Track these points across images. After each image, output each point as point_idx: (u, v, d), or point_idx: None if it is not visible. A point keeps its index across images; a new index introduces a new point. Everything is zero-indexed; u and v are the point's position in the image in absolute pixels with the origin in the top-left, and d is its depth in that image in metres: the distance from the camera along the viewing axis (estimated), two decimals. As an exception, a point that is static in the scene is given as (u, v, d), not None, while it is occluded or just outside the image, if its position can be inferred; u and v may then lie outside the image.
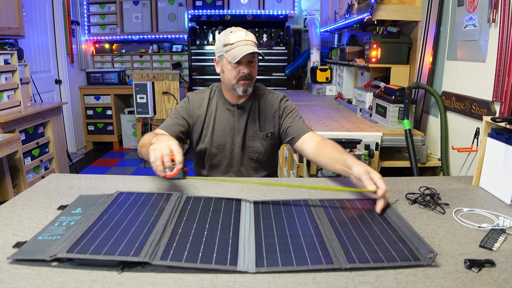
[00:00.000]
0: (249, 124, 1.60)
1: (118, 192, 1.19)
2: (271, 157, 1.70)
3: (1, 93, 2.79)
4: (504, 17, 1.67)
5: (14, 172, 2.72)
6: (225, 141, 1.60)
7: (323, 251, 0.87)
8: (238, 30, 1.49)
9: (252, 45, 1.46)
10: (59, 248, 0.84)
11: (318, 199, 1.18)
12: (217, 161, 1.63)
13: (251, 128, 1.60)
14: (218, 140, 1.60)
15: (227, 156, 1.62)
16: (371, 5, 2.53)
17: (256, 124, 1.60)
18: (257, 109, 1.61)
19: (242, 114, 1.60)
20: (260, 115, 1.61)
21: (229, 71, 1.50)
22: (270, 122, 1.62)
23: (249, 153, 1.62)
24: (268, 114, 1.61)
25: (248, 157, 1.63)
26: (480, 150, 1.34)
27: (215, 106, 1.61)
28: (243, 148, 1.61)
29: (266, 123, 1.61)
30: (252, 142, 1.61)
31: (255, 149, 1.62)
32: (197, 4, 4.95)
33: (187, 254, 0.84)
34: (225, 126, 1.59)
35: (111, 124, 5.07)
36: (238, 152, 1.61)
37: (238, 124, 1.59)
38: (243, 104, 1.60)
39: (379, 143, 2.15)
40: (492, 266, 0.83)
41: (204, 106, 1.60)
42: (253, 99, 1.61)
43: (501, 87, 1.68)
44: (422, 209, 1.15)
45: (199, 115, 1.60)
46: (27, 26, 3.56)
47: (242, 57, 1.42)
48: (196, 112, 1.60)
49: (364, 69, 3.39)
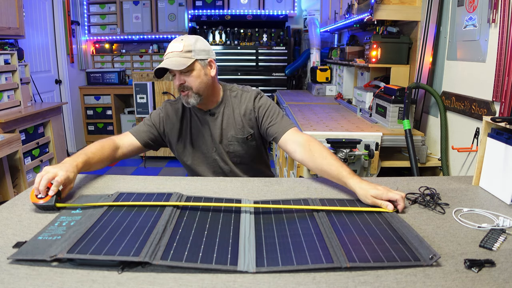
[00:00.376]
0: (224, 129, 1.55)
1: (118, 192, 1.19)
2: (258, 157, 1.65)
3: (1, 93, 2.79)
4: (504, 17, 1.67)
5: (14, 172, 2.72)
6: (206, 150, 1.57)
7: (324, 250, 0.87)
8: (176, 40, 1.43)
9: (173, 57, 1.38)
10: (59, 248, 0.84)
11: (318, 199, 1.18)
12: (202, 170, 1.60)
13: (228, 133, 1.55)
14: (199, 150, 1.57)
15: (211, 164, 1.59)
16: (371, 5, 2.53)
17: (232, 128, 1.54)
18: (232, 112, 1.55)
19: (216, 120, 1.54)
20: (235, 117, 1.54)
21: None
22: (247, 124, 1.55)
23: (232, 158, 1.58)
24: (243, 115, 1.54)
25: (232, 162, 1.59)
26: (480, 150, 1.34)
27: (189, 117, 1.57)
28: (224, 155, 1.57)
29: (244, 125, 1.55)
30: (232, 147, 1.56)
31: (237, 154, 1.57)
32: (197, 4, 4.95)
33: (187, 254, 0.84)
34: (203, 135, 1.56)
35: (111, 124, 5.07)
36: (221, 159, 1.58)
37: (214, 130, 1.54)
38: (214, 110, 1.54)
39: (379, 143, 2.16)
40: (492, 266, 0.83)
41: (178, 118, 1.56)
42: (225, 102, 1.55)
43: (501, 87, 1.68)
44: (422, 209, 1.15)
45: (174, 127, 1.56)
46: (27, 26, 3.56)
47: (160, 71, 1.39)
48: (169, 125, 1.56)
49: (364, 69, 3.39)
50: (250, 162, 1.62)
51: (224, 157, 1.58)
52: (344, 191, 1.29)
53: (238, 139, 1.55)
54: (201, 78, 1.43)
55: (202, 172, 1.61)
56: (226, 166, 1.59)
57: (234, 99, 1.57)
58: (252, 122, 1.55)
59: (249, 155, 1.59)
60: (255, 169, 1.66)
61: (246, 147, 1.58)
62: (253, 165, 1.64)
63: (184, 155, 1.60)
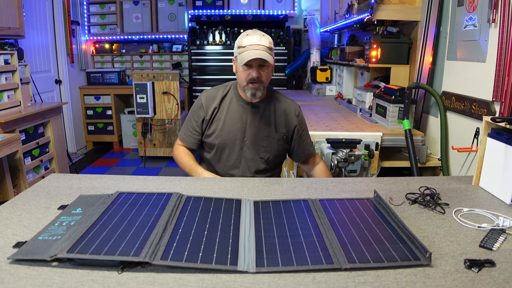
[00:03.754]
0: (263, 123, 1.62)
1: (118, 192, 1.19)
2: (280, 160, 1.73)
3: (1, 93, 2.79)
4: (504, 17, 1.67)
5: (14, 172, 2.72)
6: (235, 137, 1.61)
7: (323, 251, 0.87)
8: (253, 33, 1.53)
9: (262, 50, 1.48)
10: (59, 248, 0.84)
11: (318, 199, 1.18)
12: (225, 156, 1.64)
13: (265, 127, 1.62)
14: (228, 135, 1.61)
15: (236, 152, 1.63)
16: (371, 5, 2.53)
17: (271, 125, 1.63)
18: (273, 111, 1.64)
19: (256, 113, 1.62)
20: (276, 117, 1.64)
21: (240, 73, 1.55)
22: (284, 128, 1.65)
23: (261, 152, 1.63)
24: (284, 119, 1.65)
25: (259, 156, 1.64)
26: (480, 150, 1.34)
27: (228, 102, 1.64)
28: (255, 147, 1.62)
29: (281, 127, 1.65)
30: (266, 141, 1.63)
31: (268, 149, 1.64)
32: (197, 4, 4.95)
33: (188, 254, 0.84)
34: (237, 122, 1.61)
35: (111, 124, 5.07)
36: (248, 150, 1.62)
37: (251, 122, 1.61)
38: (257, 104, 1.62)
39: (379, 143, 2.16)
40: (492, 266, 0.83)
41: (216, 103, 1.63)
42: (268, 100, 1.64)
43: (501, 87, 1.68)
44: (422, 209, 1.15)
45: (211, 110, 1.63)
46: (27, 26, 3.56)
47: (251, 60, 1.46)
48: (209, 109, 1.64)
49: (364, 69, 3.39)
50: (274, 159, 1.67)
51: (252, 148, 1.62)
52: (344, 191, 1.29)
53: (275, 135, 1.64)
54: (270, 75, 1.59)
55: (224, 156, 1.65)
56: (251, 157, 1.63)
57: (277, 101, 1.67)
58: (289, 129, 1.67)
59: (277, 153, 1.67)
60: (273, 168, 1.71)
61: (279, 145, 1.65)
62: (274, 163, 1.70)
63: (211, 134, 1.64)
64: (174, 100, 4.27)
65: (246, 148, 1.62)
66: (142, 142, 4.41)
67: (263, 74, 1.53)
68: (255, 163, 1.64)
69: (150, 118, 4.31)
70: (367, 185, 1.36)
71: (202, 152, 1.74)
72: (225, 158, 1.64)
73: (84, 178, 1.41)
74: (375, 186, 1.34)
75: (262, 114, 1.62)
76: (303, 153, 1.72)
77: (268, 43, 1.51)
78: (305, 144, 1.71)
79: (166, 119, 4.33)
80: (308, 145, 1.72)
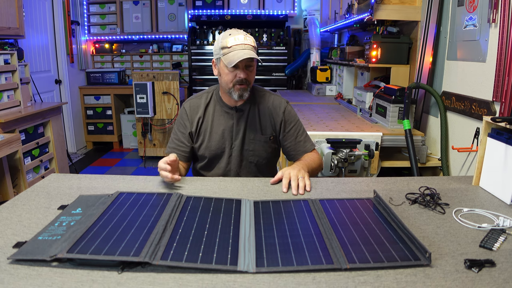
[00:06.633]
0: (248, 127, 1.58)
1: (118, 192, 1.19)
2: (271, 162, 1.69)
3: (1, 93, 2.79)
4: (504, 17, 1.67)
5: (14, 172, 2.72)
6: (223, 145, 1.58)
7: (323, 251, 0.87)
8: (237, 33, 1.45)
9: (250, 49, 1.42)
10: (59, 248, 0.84)
11: (318, 199, 1.18)
12: (215, 165, 1.62)
13: (251, 131, 1.58)
14: (216, 144, 1.58)
15: (225, 160, 1.60)
16: (371, 5, 2.53)
17: (256, 127, 1.58)
18: (257, 112, 1.59)
19: (241, 117, 1.57)
20: (261, 118, 1.59)
21: (225, 75, 1.47)
22: (271, 126, 1.60)
23: (249, 156, 1.60)
24: (270, 118, 1.59)
25: (247, 160, 1.61)
26: (480, 150, 1.34)
27: (212, 110, 1.59)
28: (242, 152, 1.59)
29: (268, 127, 1.59)
30: (253, 145, 1.59)
31: (256, 153, 1.60)
32: (197, 4, 4.95)
33: (188, 254, 0.84)
34: (224, 130, 1.57)
35: (111, 124, 5.07)
36: (237, 156, 1.59)
37: (237, 127, 1.57)
38: (241, 107, 1.57)
39: (379, 143, 2.16)
40: (492, 266, 0.83)
41: (200, 112, 1.59)
42: (252, 101, 1.59)
43: (501, 87, 1.68)
44: (422, 209, 1.15)
45: (196, 121, 1.59)
46: (27, 26, 3.56)
47: (242, 60, 1.39)
48: (193, 120, 1.59)
49: (364, 69, 3.39)
50: (264, 162, 1.64)
51: (240, 154, 1.59)
52: (344, 191, 1.29)
53: (261, 138, 1.59)
54: (254, 74, 1.54)
55: (213, 166, 1.62)
56: (239, 163, 1.60)
57: (261, 99, 1.60)
58: (277, 127, 1.61)
59: (266, 155, 1.63)
60: (264, 170, 1.67)
61: (266, 147, 1.61)
62: (265, 166, 1.66)
63: (199, 146, 1.61)
64: (174, 100, 4.27)
65: (235, 154, 1.59)
66: (142, 142, 4.41)
67: (250, 75, 1.48)
68: (245, 168, 1.62)
69: (150, 118, 4.32)
70: (367, 185, 1.36)
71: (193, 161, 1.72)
72: (215, 166, 1.62)
73: (84, 178, 1.41)
74: (375, 186, 1.34)
75: (247, 118, 1.57)
76: (298, 150, 1.61)
77: (253, 42, 1.45)
78: (298, 141, 1.61)
79: (166, 119, 4.34)
80: (302, 141, 1.62)
